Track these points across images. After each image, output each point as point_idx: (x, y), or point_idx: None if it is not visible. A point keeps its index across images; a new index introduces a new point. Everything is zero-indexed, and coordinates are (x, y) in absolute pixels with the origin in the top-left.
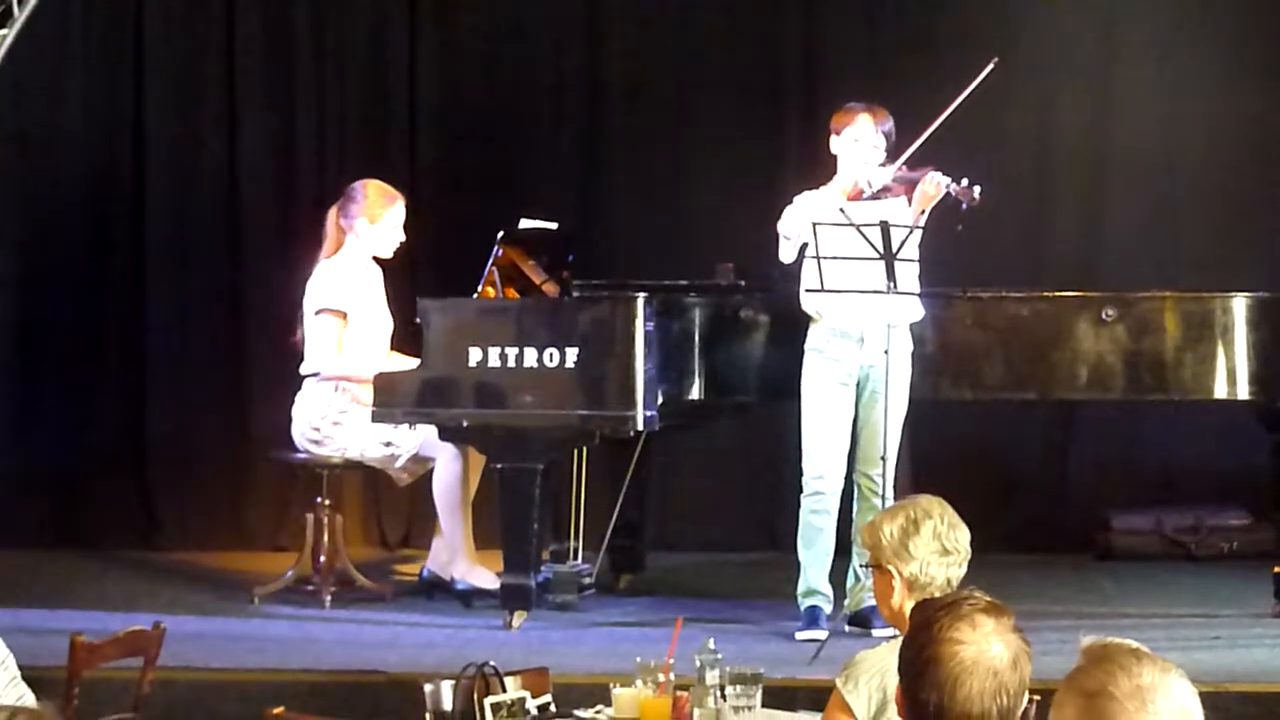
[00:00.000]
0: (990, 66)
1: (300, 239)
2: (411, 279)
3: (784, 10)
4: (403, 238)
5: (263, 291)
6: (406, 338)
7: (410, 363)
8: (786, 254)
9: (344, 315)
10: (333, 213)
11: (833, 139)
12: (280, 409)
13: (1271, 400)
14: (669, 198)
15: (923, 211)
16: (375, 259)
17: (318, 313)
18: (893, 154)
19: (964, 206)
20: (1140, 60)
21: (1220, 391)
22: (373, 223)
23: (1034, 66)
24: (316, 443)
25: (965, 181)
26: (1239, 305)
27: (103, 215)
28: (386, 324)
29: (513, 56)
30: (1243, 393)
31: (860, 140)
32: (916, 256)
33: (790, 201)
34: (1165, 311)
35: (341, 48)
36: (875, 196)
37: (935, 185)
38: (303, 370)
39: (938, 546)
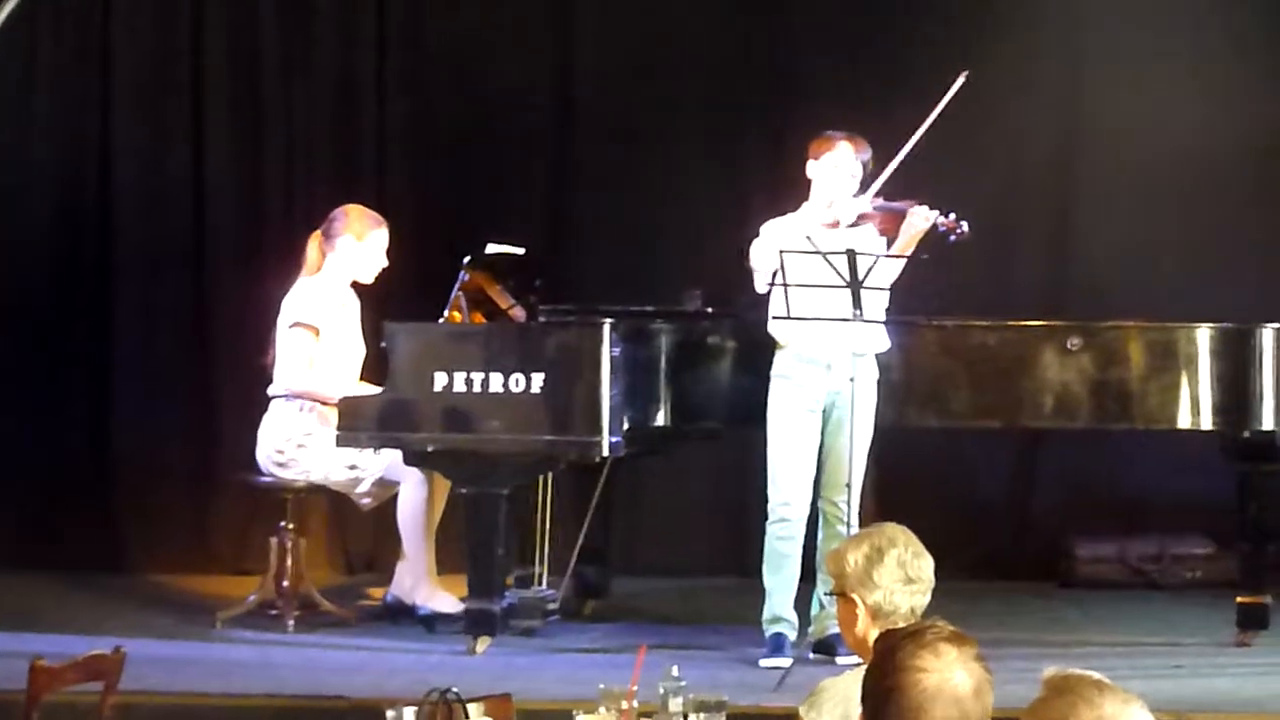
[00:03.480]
0: (960, 80)
1: (267, 259)
2: (373, 304)
3: (753, 36)
4: (385, 262)
5: (229, 312)
6: (379, 368)
7: (378, 391)
8: (761, 284)
9: (317, 331)
10: (314, 238)
11: (810, 164)
12: (246, 431)
13: (1235, 430)
14: (636, 223)
15: (908, 248)
16: (354, 285)
17: (292, 326)
18: (866, 182)
19: (951, 239)
20: (1110, 89)
21: (1184, 421)
22: (359, 239)
23: (1003, 92)
24: (281, 465)
25: (953, 215)
26: (1203, 335)
27: (68, 235)
28: (359, 350)
29: (481, 80)
30: (1207, 422)
31: (839, 167)
32: (887, 286)
33: (757, 231)
34: (1130, 341)
35: (309, 67)
36: (853, 224)
37: (924, 219)
38: (270, 391)
39: (902, 575)
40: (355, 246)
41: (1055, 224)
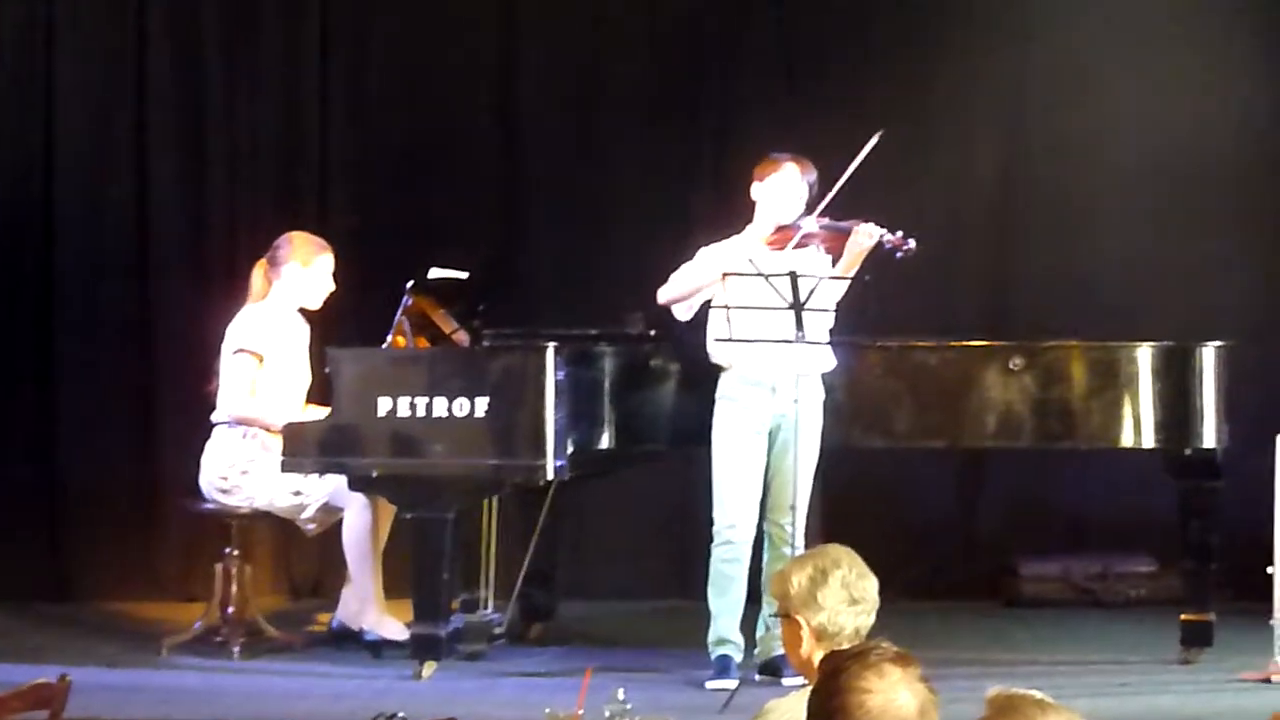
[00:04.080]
0: (875, 140)
1: (212, 284)
2: (316, 329)
3: (701, 60)
4: (332, 287)
5: (173, 337)
6: (326, 394)
7: (322, 414)
8: (684, 313)
9: (260, 358)
10: (259, 266)
11: (754, 185)
12: (190, 458)
13: (1177, 448)
14: (580, 247)
15: (853, 266)
16: (302, 311)
17: (235, 352)
18: (811, 204)
19: (898, 256)
20: (1053, 109)
21: (1127, 439)
22: (305, 265)
23: (945, 111)
24: (225, 492)
25: (899, 233)
26: (1144, 354)
27: (10, 254)
28: (304, 377)
29: (425, 105)
30: (1149, 441)
31: (785, 188)
32: (831, 307)
33: (691, 257)
34: (1072, 361)
35: (253, 88)
36: (799, 245)
37: (869, 236)
38: (214, 418)
39: (846, 596)
40: (301, 273)
41: (998, 244)
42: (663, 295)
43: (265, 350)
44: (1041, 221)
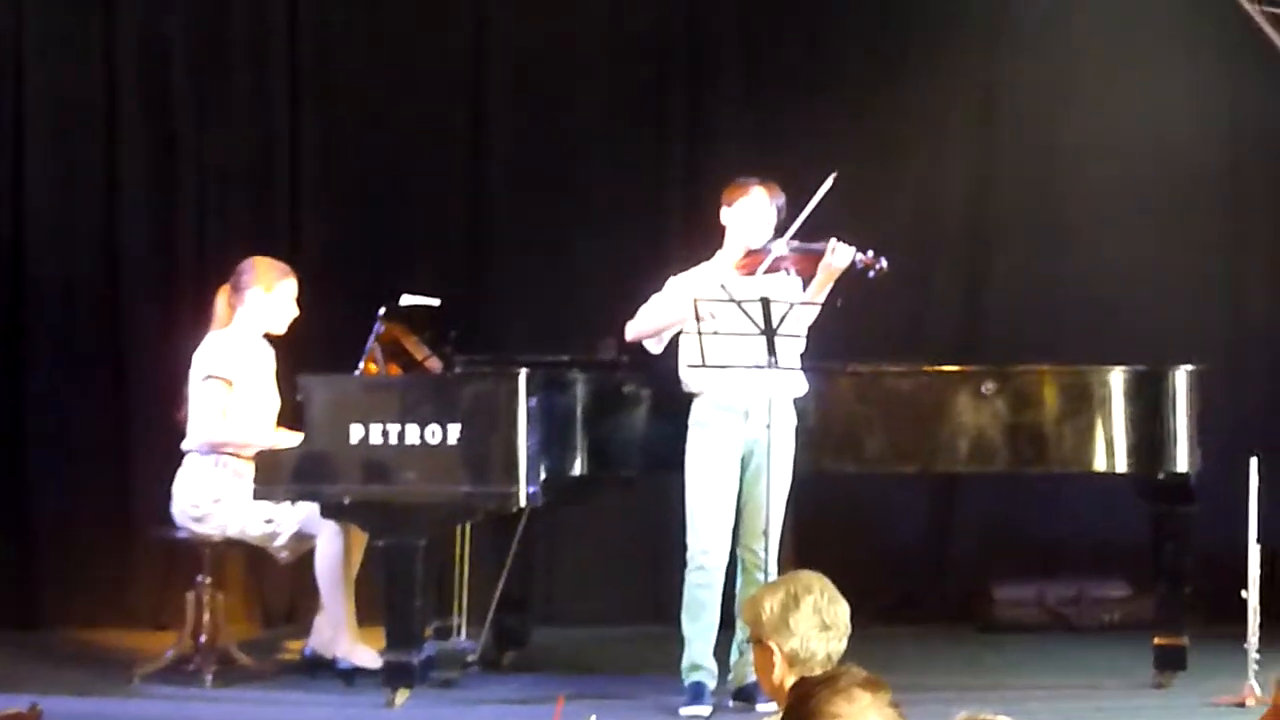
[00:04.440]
0: (829, 182)
1: (181, 310)
2: (288, 356)
3: (670, 84)
4: (296, 312)
5: (144, 361)
6: (295, 419)
7: (295, 439)
8: (655, 347)
9: (230, 383)
10: (222, 292)
11: (723, 210)
12: (162, 485)
13: (1150, 472)
14: (551, 273)
15: (825, 285)
16: (267, 336)
17: (204, 379)
18: (780, 228)
19: (870, 275)
20: (1023, 127)
21: (1099, 464)
22: (268, 291)
23: (914, 130)
24: (197, 520)
25: (870, 252)
26: (1116, 378)
27: None
28: (273, 402)
29: (395, 129)
30: (1121, 465)
31: (754, 212)
32: (803, 332)
33: (662, 284)
34: (1044, 385)
35: (223, 115)
36: (770, 269)
37: (841, 257)
38: (185, 445)
39: (818, 621)
40: (264, 298)
41: (970, 264)
42: (631, 331)
43: (234, 375)
44: (1014, 241)
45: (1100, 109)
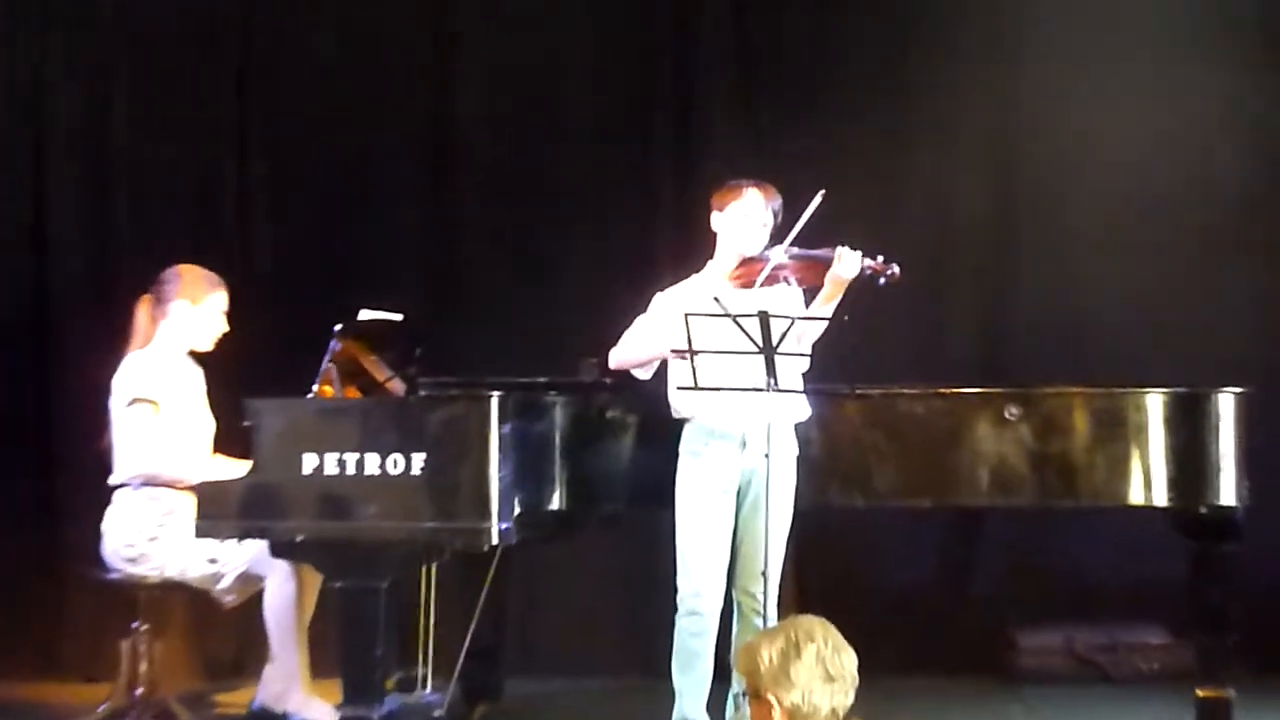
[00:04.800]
0: (817, 200)
1: (118, 333)
2: (235, 378)
3: (657, 83)
4: (225, 327)
5: (72, 391)
6: (235, 441)
7: (238, 467)
8: (643, 374)
9: (157, 405)
10: (143, 304)
11: (714, 216)
12: (92, 523)
13: (1191, 506)
14: (527, 286)
15: (833, 298)
16: (193, 354)
17: (129, 404)
18: (776, 235)
19: (881, 282)
20: (1049, 128)
21: (1136, 497)
22: (194, 304)
23: (931, 130)
24: (132, 560)
25: (880, 258)
26: (1154, 402)
27: None
28: (207, 425)
29: (353, 129)
30: (1160, 498)
31: (748, 217)
32: (807, 350)
33: (649, 300)
34: (1074, 410)
35: (166, 118)
36: (768, 280)
37: (849, 265)
38: (113, 480)
39: (821, 672)
40: (190, 311)
41: (990, 279)
42: (615, 359)
43: (160, 398)
44: (1040, 249)
45: (1131, 111)
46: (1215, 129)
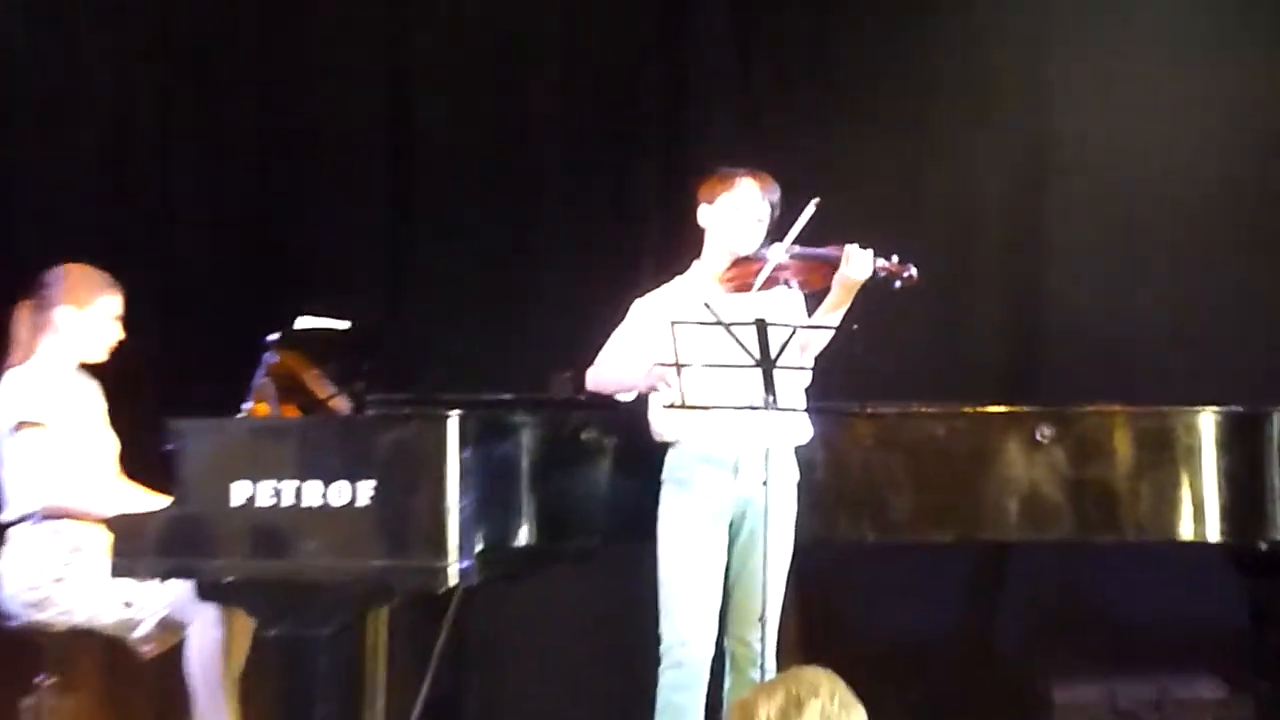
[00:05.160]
0: (811, 208)
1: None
2: (154, 394)
3: (641, 62)
4: (120, 334)
5: None
6: (153, 467)
7: (155, 498)
8: (626, 396)
9: (45, 427)
10: (22, 311)
11: (702, 209)
12: None
13: (1249, 541)
14: (492, 291)
15: (842, 304)
16: (85, 366)
17: (15, 429)
18: (774, 231)
19: (896, 286)
20: (1085, 122)
21: (1186, 531)
22: (80, 308)
23: (955, 126)
24: (35, 605)
25: (895, 258)
26: (1207, 422)
27: None
28: (109, 446)
29: (296, 114)
30: (1213, 532)
31: (742, 209)
32: (810, 363)
33: (625, 311)
34: (1115, 430)
35: (73, 103)
36: (766, 283)
37: (860, 265)
38: (5, 516)
39: None
40: (77, 317)
41: (1020, 283)
42: (592, 381)
43: (49, 418)
44: (1073, 255)
45: (1177, 97)
46: (1266, 126)
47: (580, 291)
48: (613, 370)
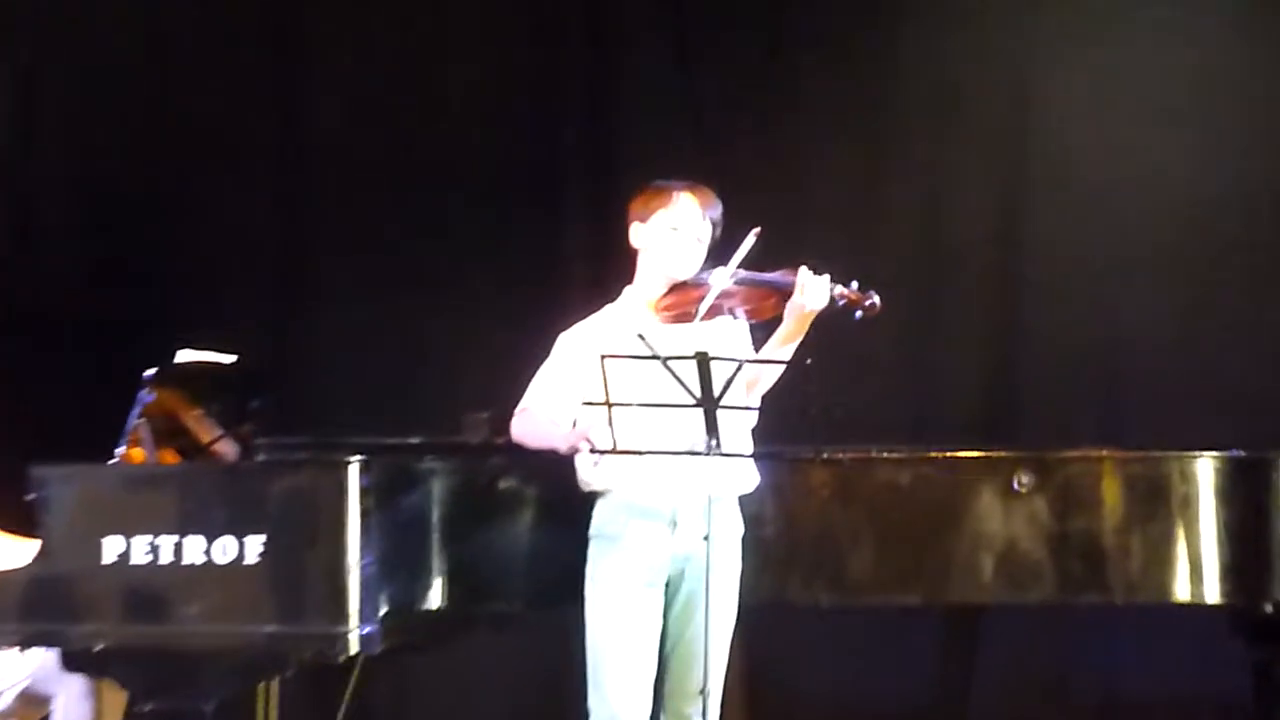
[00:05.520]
0: (751, 239)
1: None
2: (12, 437)
3: (566, 54)
4: None
5: None
6: (10, 519)
7: (18, 550)
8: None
9: None
10: None
11: (635, 229)
12: None
13: (1253, 603)
14: (399, 322)
15: (795, 336)
16: None
17: None
18: (716, 253)
19: (856, 316)
20: (1066, 138)
21: (1182, 591)
22: None
23: (920, 132)
24: None
25: (855, 284)
26: (1205, 469)
27: None
28: None
29: (173, 126)
30: (1212, 593)
31: (680, 228)
32: (757, 402)
33: (549, 344)
34: (1103, 478)
35: None
36: (709, 312)
37: (816, 293)
38: None
39: None
40: None
41: (995, 313)
42: (516, 431)
43: None
44: (1056, 280)
45: (1163, 119)
46: (1266, 133)
47: (499, 321)
48: (537, 423)
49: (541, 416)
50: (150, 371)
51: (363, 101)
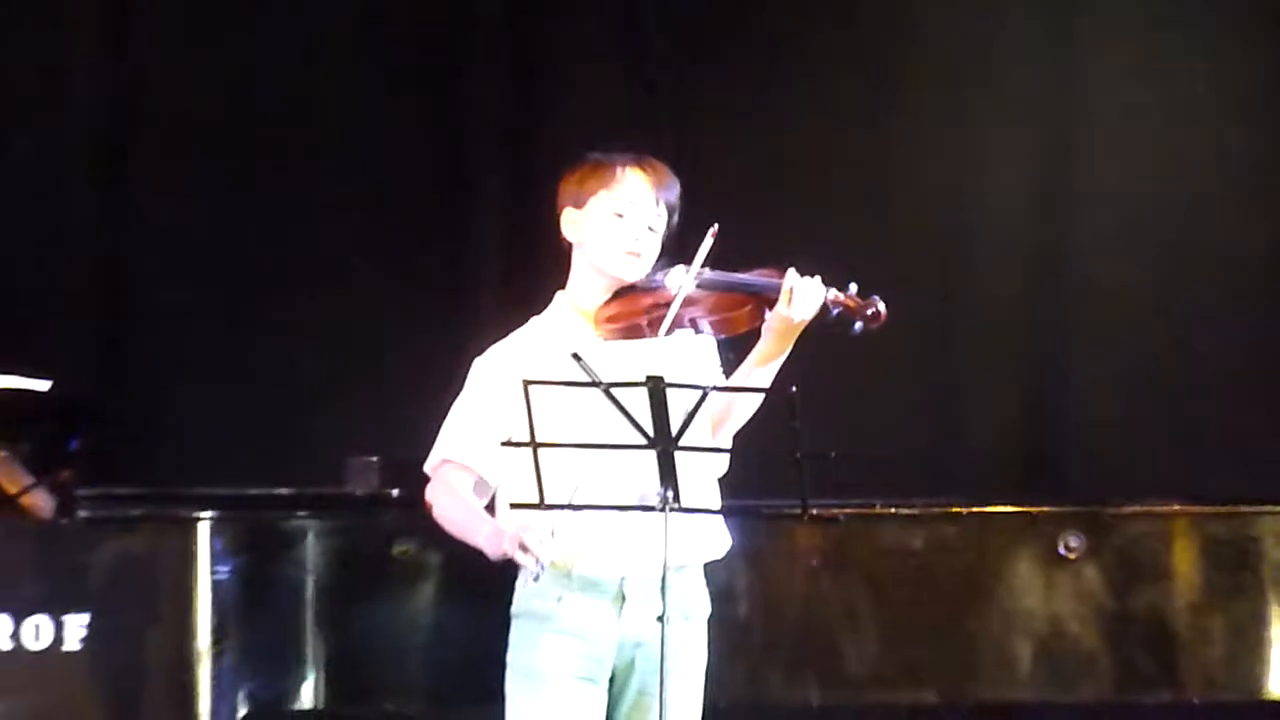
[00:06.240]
0: (710, 238)
1: None
2: None
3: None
4: None
5: None
6: None
7: None
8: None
9: None
10: None
11: (567, 216)
12: None
13: None
14: (263, 342)
15: (778, 354)
16: None
17: None
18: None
19: (856, 329)
20: (1110, 155)
21: (1276, 685)
22: None
23: (941, 100)
24: None
25: (854, 288)
26: None
27: None
28: None
29: None
30: None
31: (626, 215)
32: (728, 444)
33: (462, 376)
34: (1174, 539)
35: None
36: (672, 326)
37: (808, 301)
38: None
39: None
40: None
41: (1034, 329)
42: (436, 507)
43: None
44: (1105, 293)
45: (1211, 138)
46: None
47: (392, 340)
48: (456, 506)
49: (463, 492)
50: None
51: (231, 83)
